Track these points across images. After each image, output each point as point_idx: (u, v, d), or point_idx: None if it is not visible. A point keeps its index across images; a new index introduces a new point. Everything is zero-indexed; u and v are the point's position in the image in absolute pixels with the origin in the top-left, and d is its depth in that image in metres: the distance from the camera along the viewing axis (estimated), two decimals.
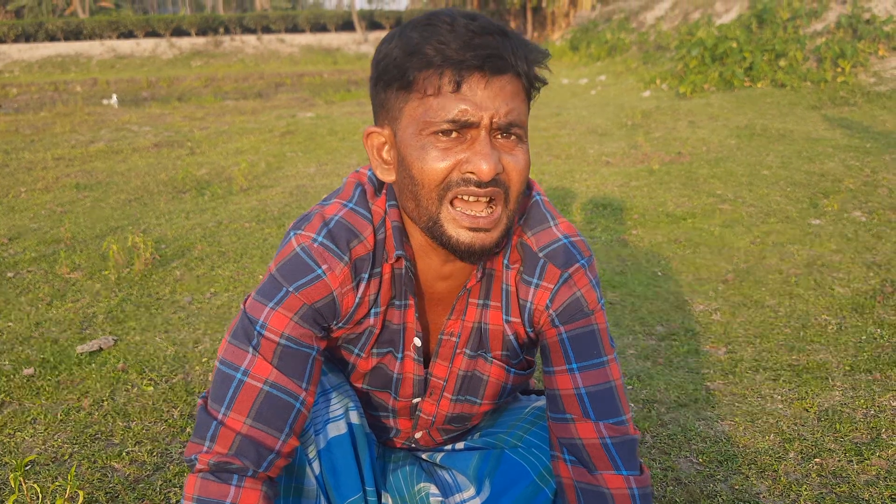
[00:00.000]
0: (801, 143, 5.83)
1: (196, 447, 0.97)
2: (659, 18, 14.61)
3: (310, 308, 0.99)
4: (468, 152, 0.89)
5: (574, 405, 1.05)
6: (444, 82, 0.87)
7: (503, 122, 0.89)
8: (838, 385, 2.17)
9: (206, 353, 2.47)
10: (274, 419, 0.96)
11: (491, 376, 1.15)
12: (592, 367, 1.06)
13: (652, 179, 4.97)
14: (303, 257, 0.99)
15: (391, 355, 1.11)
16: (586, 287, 1.06)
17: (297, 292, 0.98)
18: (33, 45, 28.60)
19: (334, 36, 32.59)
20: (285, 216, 4.30)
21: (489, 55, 0.86)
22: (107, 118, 10.44)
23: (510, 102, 0.89)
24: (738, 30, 10.22)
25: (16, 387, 2.24)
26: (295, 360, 0.98)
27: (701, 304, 2.86)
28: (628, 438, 1.05)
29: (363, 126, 8.19)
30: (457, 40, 0.86)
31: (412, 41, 0.88)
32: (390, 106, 0.93)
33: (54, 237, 3.96)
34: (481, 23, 0.88)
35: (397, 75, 0.89)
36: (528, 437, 1.20)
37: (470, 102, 0.87)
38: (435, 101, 0.88)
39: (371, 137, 0.98)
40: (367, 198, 1.05)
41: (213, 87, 19.51)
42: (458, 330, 1.10)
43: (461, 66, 0.86)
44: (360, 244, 1.01)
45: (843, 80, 8.18)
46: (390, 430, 1.24)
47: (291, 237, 1.01)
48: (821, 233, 3.64)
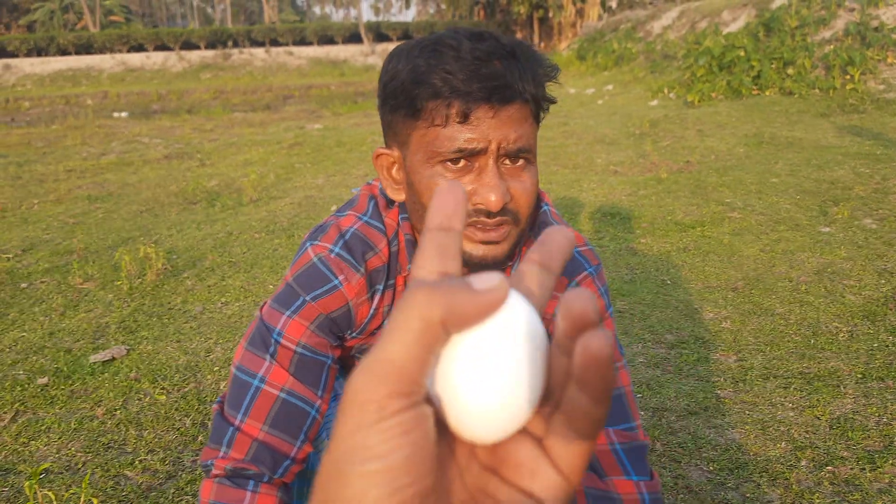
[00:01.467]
0: (810, 151, 5.82)
1: (212, 452, 0.98)
2: (666, 28, 14.63)
3: (326, 317, 1.00)
4: (476, 183, 0.89)
5: None
6: (452, 113, 0.86)
7: (511, 149, 0.89)
8: (850, 393, 2.16)
9: (218, 363, 2.49)
10: (290, 426, 0.97)
11: None
12: None
13: (660, 188, 4.97)
14: (319, 267, 1.00)
15: None
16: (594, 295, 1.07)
17: (314, 301, 0.99)
18: (45, 59, 28.89)
19: (342, 48, 32.77)
20: (294, 227, 4.32)
21: (496, 86, 0.85)
22: (118, 130, 10.53)
23: (518, 129, 0.88)
24: (745, 38, 10.23)
25: (30, 396, 2.26)
26: (311, 368, 0.99)
27: (710, 312, 2.86)
28: (638, 444, 1.05)
29: (370, 137, 8.23)
30: (463, 70, 0.85)
31: (419, 69, 0.87)
32: (398, 130, 0.94)
33: (67, 248, 4.00)
34: (488, 46, 0.86)
35: (405, 102, 0.89)
36: None
37: (478, 132, 0.87)
38: (443, 132, 0.88)
39: (381, 158, 0.98)
40: (381, 210, 1.06)
41: (223, 100, 19.65)
42: None
43: (468, 98, 0.85)
44: (376, 256, 1.02)
45: (852, 87, 8.17)
46: None
47: (308, 247, 1.03)
48: (831, 240, 3.63)
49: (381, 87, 0.93)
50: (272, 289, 3.25)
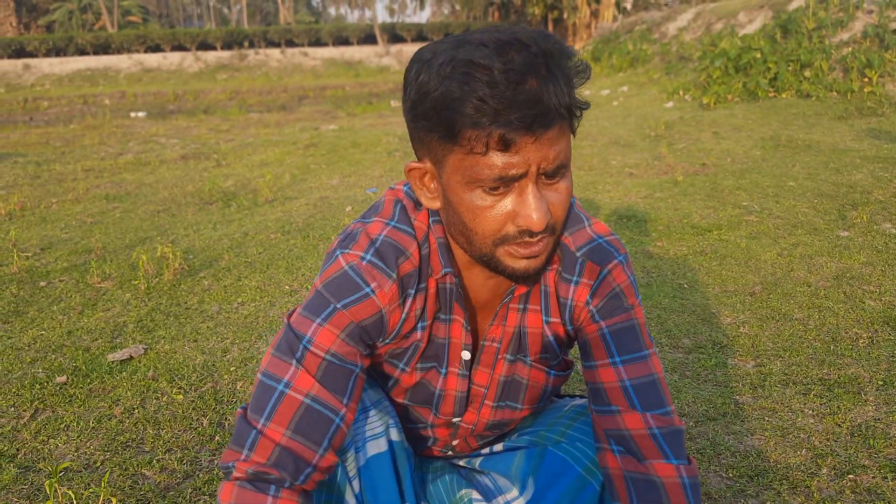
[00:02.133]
0: (827, 154, 5.77)
1: (234, 455, 0.97)
2: (681, 29, 14.56)
3: (357, 326, 0.99)
4: (517, 205, 0.90)
5: (619, 397, 1.06)
6: (492, 143, 0.85)
7: (550, 169, 0.89)
8: (871, 400, 2.14)
9: (235, 363, 2.50)
10: (313, 433, 0.96)
11: (530, 380, 1.16)
12: (635, 360, 1.07)
13: (676, 191, 4.94)
14: (351, 275, 0.99)
15: (435, 370, 1.12)
16: (625, 283, 1.08)
17: (346, 310, 0.98)
18: (64, 59, 29.18)
19: (356, 49, 32.87)
20: (310, 227, 4.33)
21: (536, 114, 0.83)
22: (135, 130, 10.61)
23: (556, 148, 0.88)
24: (762, 40, 10.16)
25: (49, 394, 2.28)
26: (338, 375, 0.98)
27: (728, 316, 2.84)
28: (675, 429, 1.06)
29: (385, 138, 8.24)
30: (499, 98, 0.82)
31: (452, 94, 0.84)
32: (433, 148, 0.92)
33: (85, 247, 4.03)
34: (519, 62, 0.83)
35: (440, 125, 0.87)
36: (571, 433, 1.20)
37: (518, 158, 0.86)
38: (482, 159, 0.86)
39: (412, 172, 0.97)
40: (408, 213, 1.06)
41: (238, 100, 19.76)
42: (500, 335, 1.12)
43: (509, 127, 0.83)
44: (407, 261, 1.02)
45: (871, 90, 8.09)
46: (428, 439, 1.25)
47: (338, 255, 1.02)
48: (850, 245, 3.59)
49: (411, 103, 0.90)
50: (288, 289, 3.26)
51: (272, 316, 2.94)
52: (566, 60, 0.87)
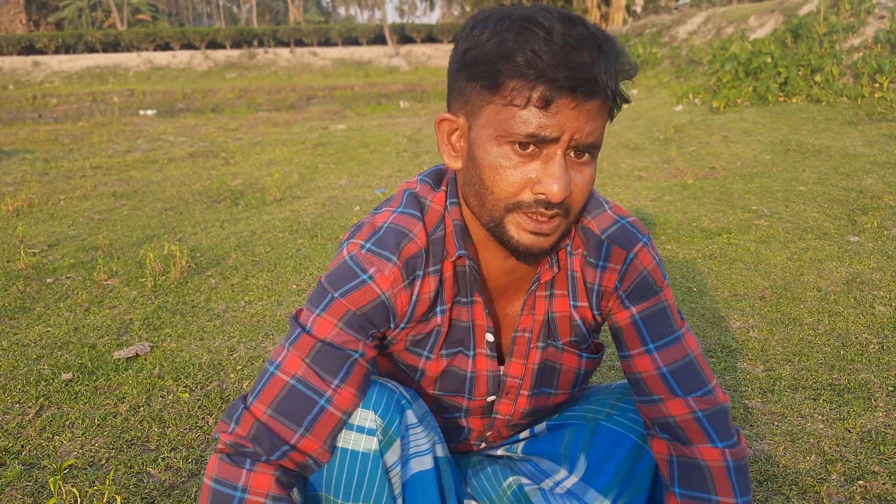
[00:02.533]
0: (837, 159, 5.74)
1: (222, 426, 1.00)
2: (691, 33, 14.52)
3: (354, 314, 0.99)
4: (541, 171, 0.89)
5: (659, 386, 1.06)
6: (534, 97, 0.84)
7: (583, 143, 0.88)
8: (881, 406, 2.12)
9: (241, 361, 2.49)
10: (293, 413, 0.97)
11: (563, 363, 1.15)
12: (669, 343, 1.07)
13: (685, 194, 4.92)
14: (350, 265, 1.00)
15: (462, 355, 1.11)
16: (651, 265, 1.08)
17: (343, 298, 0.99)
18: (73, 57, 29.31)
19: (366, 49, 32.91)
20: (318, 227, 4.33)
21: (584, 79, 0.84)
22: (143, 128, 10.64)
23: (593, 123, 0.88)
24: (772, 44, 10.11)
25: (55, 391, 2.28)
26: (329, 359, 0.98)
27: (737, 320, 2.82)
28: (719, 408, 1.07)
29: (394, 139, 8.24)
30: (552, 54, 0.83)
31: (506, 43, 0.85)
32: (471, 99, 0.91)
33: (92, 244, 4.03)
34: (578, 33, 0.85)
35: (486, 73, 0.87)
36: (622, 405, 1.19)
37: (555, 120, 0.85)
38: (520, 113, 0.86)
39: (444, 124, 0.97)
40: (421, 196, 1.06)
41: (247, 99, 19.81)
42: (530, 325, 1.11)
43: (554, 85, 0.83)
44: (411, 242, 1.01)
45: (881, 95, 8.04)
46: (462, 430, 1.23)
47: (343, 247, 1.03)
48: (860, 250, 3.56)
49: (460, 53, 0.91)
50: (295, 289, 3.25)
51: (279, 315, 2.94)
52: (619, 52, 0.89)
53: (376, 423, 1.01)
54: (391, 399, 1.04)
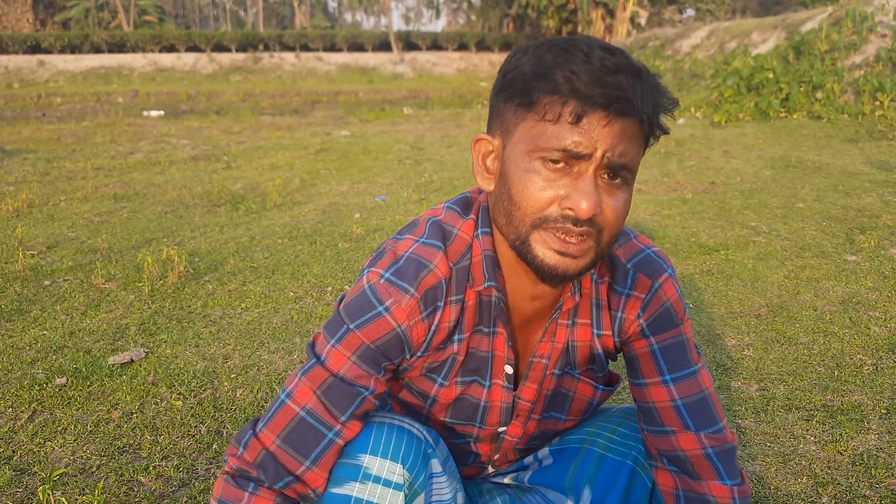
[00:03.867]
0: (837, 177, 5.75)
1: (232, 449, 1.02)
2: (695, 47, 14.55)
3: (368, 347, 0.98)
4: (570, 187, 0.88)
5: (673, 418, 1.07)
6: (566, 112, 0.85)
7: (614, 163, 0.87)
8: (874, 428, 2.12)
9: (235, 370, 2.49)
10: (302, 445, 0.98)
11: (577, 392, 1.16)
12: (685, 377, 1.07)
13: (685, 208, 4.93)
14: (368, 294, 0.99)
15: (476, 384, 1.10)
16: (674, 297, 1.09)
17: (358, 330, 0.98)
18: (79, 57, 29.39)
19: (371, 56, 33.00)
20: (317, 233, 4.33)
21: (617, 97, 0.84)
22: (146, 129, 10.66)
23: (626, 144, 0.87)
24: (774, 60, 10.14)
25: (48, 396, 2.28)
26: (340, 395, 0.98)
27: (733, 338, 2.82)
28: (728, 446, 1.07)
29: (397, 146, 8.26)
30: (589, 73, 0.84)
31: (544, 62, 0.86)
32: (506, 118, 0.92)
33: (91, 247, 4.04)
34: (618, 59, 0.86)
35: (521, 91, 0.88)
36: (622, 430, 1.20)
37: (587, 136, 0.85)
38: (552, 128, 0.86)
39: (480, 144, 0.98)
40: (446, 223, 1.05)
41: (251, 102, 19.84)
42: (549, 351, 1.11)
43: (587, 101, 0.84)
44: (430, 274, 1.00)
45: (882, 113, 8.06)
46: (469, 455, 1.23)
47: (364, 274, 1.02)
48: (857, 269, 3.57)
49: (501, 76, 0.93)
50: (292, 296, 3.25)
51: (275, 323, 2.94)
52: (659, 85, 0.90)
53: (404, 477, 0.99)
54: (419, 450, 1.02)
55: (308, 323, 2.94)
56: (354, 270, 3.61)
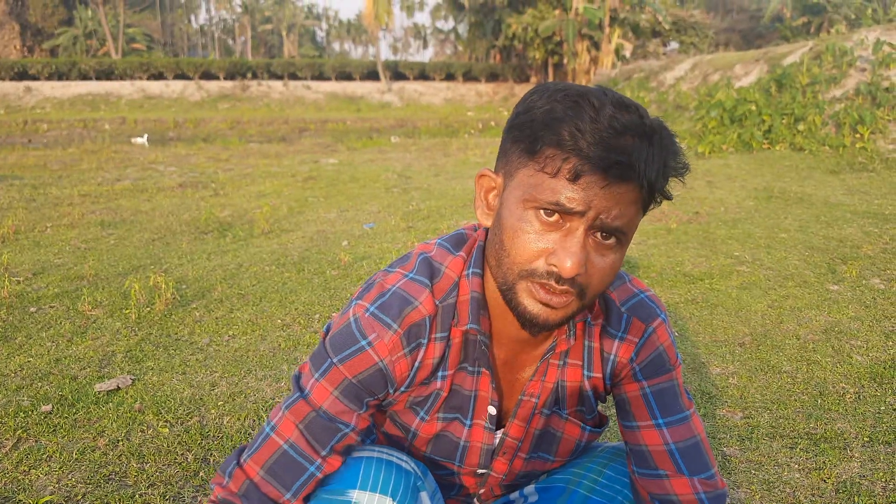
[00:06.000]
0: (819, 208, 5.84)
1: (218, 478, 1.04)
2: (679, 79, 14.80)
3: (350, 382, 0.99)
4: (558, 244, 0.88)
5: (667, 461, 1.07)
6: (566, 168, 0.85)
7: (608, 225, 0.87)
8: (857, 456, 2.14)
9: (222, 397, 2.49)
10: (284, 477, 1.00)
11: (565, 433, 1.16)
12: (678, 422, 1.08)
13: (669, 238, 4.99)
14: (352, 328, 1.00)
15: (458, 422, 1.11)
16: (667, 342, 1.09)
17: (341, 364, 0.99)
18: (66, 83, 29.40)
19: (359, 84, 33.25)
20: (305, 261, 4.34)
21: (618, 162, 0.83)
22: (133, 156, 10.66)
23: (623, 207, 0.87)
24: (757, 93, 10.33)
25: (33, 423, 2.26)
26: (322, 431, 0.99)
27: (717, 366, 2.85)
28: (720, 493, 1.07)
29: (384, 174, 8.30)
30: (594, 133, 0.83)
31: (554, 112, 0.86)
32: (511, 159, 0.93)
33: (77, 274, 4.03)
34: (628, 119, 0.85)
35: (528, 138, 0.88)
36: (608, 472, 1.20)
37: (582, 195, 0.85)
38: (550, 181, 0.86)
39: (483, 179, 0.98)
40: (435, 260, 1.06)
41: (239, 130, 19.90)
42: (539, 391, 1.11)
43: (587, 161, 0.84)
44: (415, 310, 1.01)
45: (862, 146, 8.22)
46: (454, 487, 1.23)
47: (352, 305, 1.03)
48: (839, 299, 3.62)
49: (514, 115, 0.92)
50: (280, 323, 3.26)
51: (262, 350, 2.94)
52: (671, 148, 0.88)
53: None
54: (408, 483, 1.03)
55: (295, 350, 2.94)
56: (342, 298, 3.62)
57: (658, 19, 29.89)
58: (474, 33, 36.87)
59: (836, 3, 33.10)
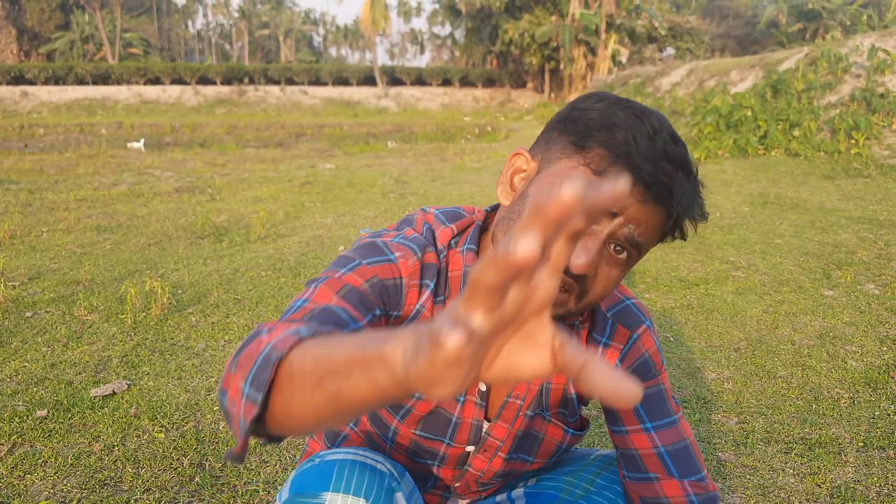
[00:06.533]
0: (814, 213, 5.86)
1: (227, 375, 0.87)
2: (675, 84, 14.85)
3: (380, 282, 0.96)
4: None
5: (657, 464, 1.08)
6: (612, 170, 0.86)
7: (630, 237, 0.89)
8: (851, 461, 2.15)
9: (218, 402, 2.49)
10: (325, 325, 0.87)
11: (546, 435, 1.17)
12: (666, 425, 1.09)
13: (665, 244, 4.99)
14: (379, 244, 0.99)
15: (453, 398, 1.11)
16: (652, 348, 1.11)
17: (370, 265, 0.96)
18: (63, 88, 29.38)
19: (355, 90, 33.28)
20: (301, 266, 4.35)
21: (662, 183, 0.86)
22: (130, 161, 10.66)
23: (648, 227, 0.89)
24: (752, 99, 10.37)
25: (28, 428, 2.26)
26: (360, 302, 0.92)
27: (713, 371, 2.85)
28: (711, 495, 1.08)
29: (381, 179, 8.31)
30: (649, 149, 0.86)
31: (615, 117, 0.88)
32: (553, 148, 0.93)
33: (73, 278, 4.02)
34: (678, 151, 0.88)
35: (580, 133, 0.90)
36: (600, 481, 1.20)
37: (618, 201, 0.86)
38: (591, 178, 0.86)
39: (517, 158, 0.98)
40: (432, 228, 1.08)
41: (235, 135, 19.90)
42: (524, 392, 1.12)
43: (634, 171, 0.85)
44: (432, 253, 1.02)
45: (857, 151, 8.25)
46: (430, 479, 1.22)
47: (368, 236, 1.03)
48: (834, 304, 3.63)
49: (568, 110, 0.94)
50: None
51: None
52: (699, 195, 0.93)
53: None
54: (381, 484, 1.01)
55: None
56: None
57: (654, 25, 30.00)
58: (471, 39, 36.97)
59: (832, 10, 33.26)
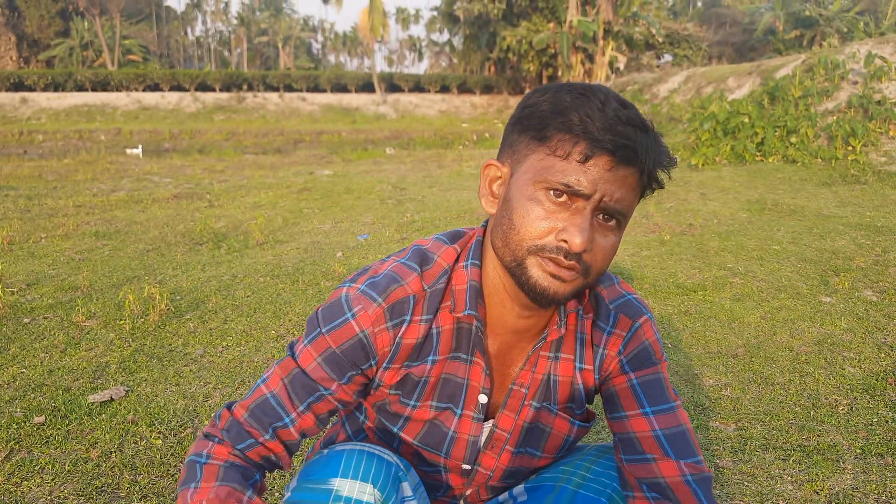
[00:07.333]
0: (811, 220, 5.87)
1: (210, 424, 1.10)
2: (672, 91, 14.88)
3: (334, 352, 1.05)
4: (568, 221, 0.94)
5: (654, 446, 1.10)
6: (576, 151, 0.92)
7: (611, 206, 0.94)
8: (849, 468, 2.15)
9: (216, 408, 2.48)
10: (263, 420, 1.06)
11: (554, 428, 1.19)
12: (665, 411, 1.12)
13: (663, 250, 5.00)
14: (341, 302, 1.07)
15: (450, 411, 1.14)
16: (653, 338, 1.15)
17: (327, 334, 1.05)
18: (62, 94, 29.40)
19: (354, 96, 33.33)
20: (299, 272, 4.35)
21: (625, 145, 0.91)
22: (128, 167, 10.66)
23: (625, 191, 0.94)
24: (750, 105, 10.40)
25: (25, 434, 2.26)
26: (301, 388, 1.06)
27: (710, 378, 2.85)
28: (707, 476, 1.11)
29: (378, 186, 8.32)
30: (602, 120, 0.91)
31: (563, 102, 0.94)
32: (518, 149, 0.99)
33: (72, 284, 4.02)
34: (629, 113, 0.93)
35: (537, 126, 0.96)
36: (596, 468, 1.22)
37: (590, 177, 0.92)
38: (560, 163, 0.93)
39: (489, 169, 1.04)
40: (429, 251, 1.12)
41: (234, 142, 19.92)
42: (528, 381, 1.14)
43: (596, 144, 0.91)
44: (400, 288, 1.07)
45: (854, 158, 8.27)
46: (440, 486, 1.24)
47: (343, 286, 1.09)
48: (831, 311, 3.64)
49: (519, 109, 1.00)
50: (274, 335, 3.25)
51: (256, 361, 2.94)
52: (662, 144, 0.98)
53: (374, 496, 1.02)
54: (388, 472, 1.06)
55: None
56: None
57: (652, 32, 30.09)
58: (469, 46, 37.03)
59: (829, 17, 33.39)
